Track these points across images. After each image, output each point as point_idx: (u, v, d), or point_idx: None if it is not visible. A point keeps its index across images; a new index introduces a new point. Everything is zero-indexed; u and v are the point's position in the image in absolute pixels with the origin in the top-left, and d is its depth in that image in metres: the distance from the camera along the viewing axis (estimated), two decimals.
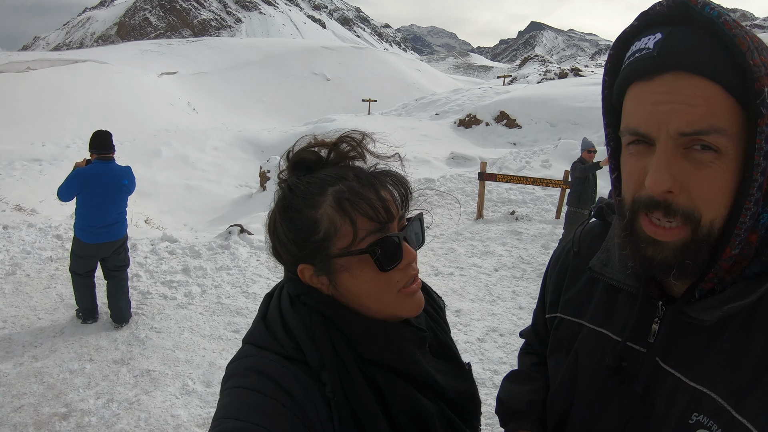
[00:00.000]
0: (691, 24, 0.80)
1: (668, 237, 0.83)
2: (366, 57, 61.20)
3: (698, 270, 0.85)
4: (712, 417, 0.85)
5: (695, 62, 0.77)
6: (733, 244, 0.82)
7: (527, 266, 7.78)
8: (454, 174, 12.95)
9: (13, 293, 6.28)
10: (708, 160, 0.79)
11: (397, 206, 0.98)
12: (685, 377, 0.90)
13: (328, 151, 1.04)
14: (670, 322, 0.94)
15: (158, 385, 4.50)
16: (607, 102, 0.97)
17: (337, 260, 0.94)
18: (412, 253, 0.98)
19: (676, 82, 0.78)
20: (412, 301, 1.00)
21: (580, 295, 1.15)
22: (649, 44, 0.82)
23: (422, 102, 27.95)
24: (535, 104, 19.23)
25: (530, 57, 58.55)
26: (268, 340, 0.96)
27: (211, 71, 49.48)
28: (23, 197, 10.78)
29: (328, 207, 0.93)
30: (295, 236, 0.97)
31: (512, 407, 1.25)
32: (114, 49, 62.41)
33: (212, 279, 6.93)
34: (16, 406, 4.15)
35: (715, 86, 0.77)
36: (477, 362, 5.03)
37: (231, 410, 0.84)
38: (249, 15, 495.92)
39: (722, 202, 0.81)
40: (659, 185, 0.80)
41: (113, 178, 5.34)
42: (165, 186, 16.31)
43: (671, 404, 0.91)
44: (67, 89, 25.85)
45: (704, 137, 0.77)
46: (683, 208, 0.81)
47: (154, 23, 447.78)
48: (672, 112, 0.78)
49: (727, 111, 0.77)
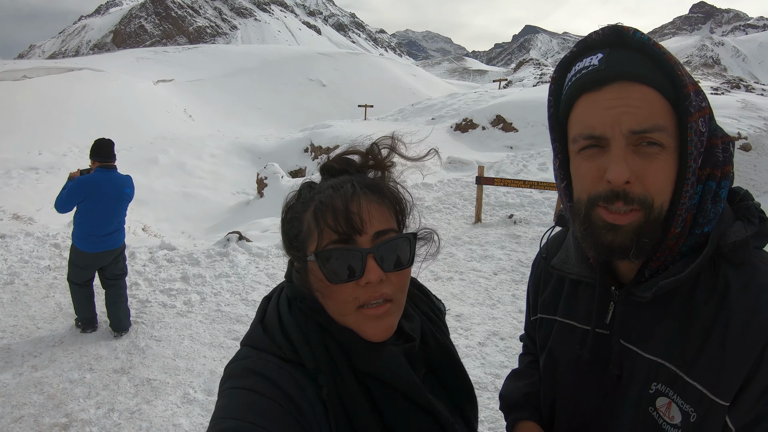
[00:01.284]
0: (624, 47, 0.97)
1: (626, 221, 0.95)
2: (362, 63, 61.22)
3: (653, 248, 0.99)
4: (668, 384, 0.99)
5: (637, 73, 0.94)
6: (676, 224, 0.96)
7: (526, 269, 7.77)
8: (451, 178, 12.94)
9: (11, 303, 6.26)
10: (655, 153, 0.94)
11: (370, 219, 0.95)
12: (642, 351, 1.04)
13: (361, 158, 1.08)
14: (623, 304, 1.08)
15: (159, 394, 4.48)
16: (553, 119, 1.10)
17: (309, 263, 0.98)
18: (376, 272, 0.93)
19: (624, 89, 0.94)
20: (374, 325, 0.95)
21: (552, 294, 1.31)
22: (594, 62, 0.97)
23: (418, 107, 27.93)
24: (531, 107, 19.19)
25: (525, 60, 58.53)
26: (266, 342, 0.98)
27: (207, 78, 49.41)
28: (20, 206, 10.73)
29: (309, 213, 0.98)
30: (287, 234, 1.03)
31: (511, 401, 1.40)
32: (110, 57, 62.27)
33: (211, 286, 6.92)
34: (16, 417, 4.13)
35: (655, 92, 0.94)
36: (479, 366, 5.02)
37: (229, 410, 0.85)
38: (244, 22, 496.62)
39: (668, 187, 0.96)
40: (621, 176, 0.92)
41: (116, 186, 5.35)
42: (162, 194, 16.27)
43: (633, 377, 1.05)
44: (64, 97, 25.77)
45: (650, 135, 0.93)
46: (639, 195, 0.94)
47: (149, 31, 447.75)
48: (623, 114, 0.93)
49: (666, 112, 0.94)
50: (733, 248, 0.96)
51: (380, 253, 0.94)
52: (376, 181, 1.04)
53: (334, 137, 20.01)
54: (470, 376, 4.16)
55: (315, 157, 20.36)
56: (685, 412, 0.96)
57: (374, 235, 0.95)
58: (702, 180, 0.98)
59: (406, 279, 1.01)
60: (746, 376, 0.89)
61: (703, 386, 0.94)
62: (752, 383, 0.89)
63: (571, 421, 1.21)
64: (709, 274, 0.97)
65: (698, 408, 0.94)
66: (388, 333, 0.97)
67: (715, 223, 0.99)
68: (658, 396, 1.01)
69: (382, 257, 0.95)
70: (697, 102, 0.95)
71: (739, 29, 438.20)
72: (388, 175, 1.09)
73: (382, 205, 1.00)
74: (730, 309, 0.93)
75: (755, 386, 0.89)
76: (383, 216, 0.98)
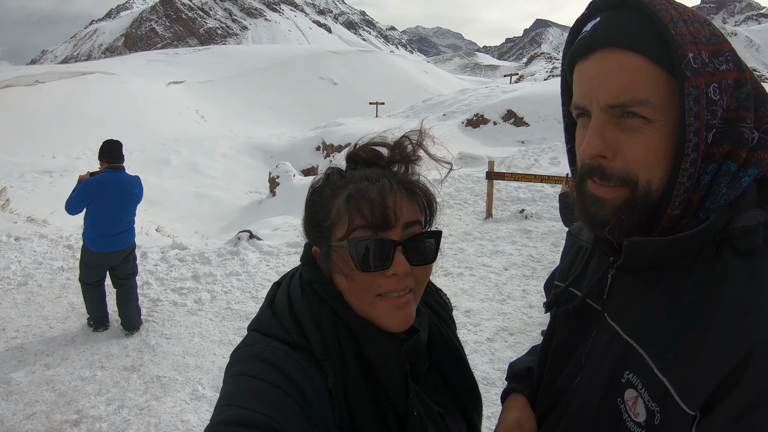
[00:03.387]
0: (625, 8, 0.88)
1: (607, 194, 0.90)
2: (372, 60, 61.30)
3: (634, 227, 0.90)
4: (638, 375, 0.88)
5: (620, 37, 0.85)
6: (673, 205, 0.86)
7: (537, 264, 7.73)
8: (462, 174, 12.89)
9: (25, 303, 6.34)
10: (638, 126, 0.85)
11: (401, 215, 0.96)
12: (620, 328, 0.94)
13: (389, 150, 1.08)
14: (615, 274, 1.00)
15: (168, 391, 4.52)
16: (564, 83, 1.05)
17: (334, 249, 0.97)
18: (403, 264, 0.94)
19: (605, 57, 0.86)
20: (394, 314, 0.96)
21: (569, 262, 1.24)
22: (588, 27, 0.91)
23: (429, 103, 27.90)
24: (542, 101, 19.08)
25: (537, 55, 58.21)
26: (274, 326, 0.98)
27: (218, 79, 49.72)
28: (35, 209, 10.89)
29: (341, 200, 0.98)
30: (312, 218, 1.04)
31: (513, 371, 1.38)
32: (121, 60, 62.90)
33: (222, 285, 6.95)
34: (29, 414, 4.19)
35: (639, 57, 0.84)
36: (487, 362, 4.99)
37: (235, 398, 0.84)
38: (254, 22, 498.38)
39: (657, 164, 0.86)
40: (589, 149, 0.88)
41: (124, 186, 5.39)
42: (175, 194, 16.41)
43: (606, 358, 0.95)
44: (76, 101, 26.09)
45: (629, 108, 0.84)
46: (618, 172, 0.88)
47: (160, 33, 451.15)
48: (599, 87, 0.86)
49: (653, 81, 0.84)
50: (740, 234, 0.82)
51: (408, 245, 0.96)
52: (412, 179, 1.06)
53: (346, 135, 20.04)
54: (479, 371, 4.16)
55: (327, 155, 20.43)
56: (650, 410, 0.84)
57: (403, 226, 0.96)
58: (716, 158, 0.84)
59: (428, 273, 1.03)
60: (720, 384, 0.74)
61: (670, 383, 0.81)
62: (730, 398, 0.73)
63: (546, 399, 1.15)
64: (708, 259, 0.84)
65: (663, 408, 0.82)
66: (407, 323, 0.98)
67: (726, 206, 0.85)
68: (628, 387, 0.89)
69: (410, 250, 0.96)
70: (709, 65, 0.81)
71: (752, 19, 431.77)
72: (413, 169, 1.10)
73: (414, 203, 1.01)
74: (721, 301, 0.79)
75: (734, 403, 0.73)
76: (413, 212, 1.00)
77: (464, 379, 1.14)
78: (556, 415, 1.09)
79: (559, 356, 1.12)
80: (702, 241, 0.85)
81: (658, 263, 0.90)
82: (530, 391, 1.27)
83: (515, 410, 1.24)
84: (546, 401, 1.15)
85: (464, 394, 1.13)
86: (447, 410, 1.07)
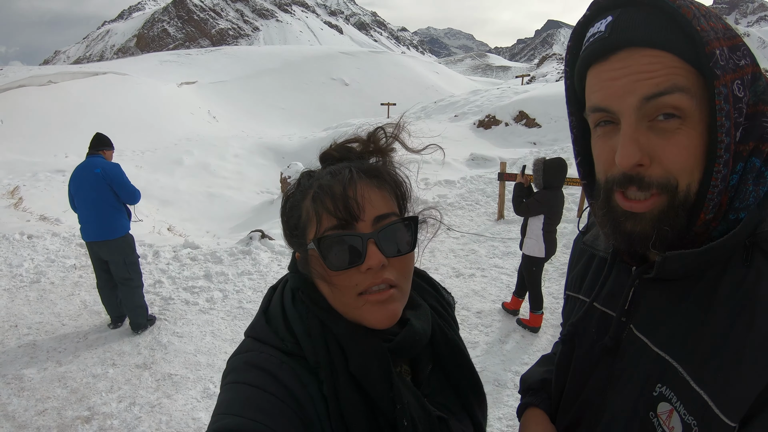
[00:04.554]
0: (636, 4, 0.83)
1: (644, 208, 0.84)
2: (384, 61, 61.26)
3: (677, 236, 0.84)
4: (672, 388, 0.84)
5: (645, 36, 0.79)
6: (707, 209, 0.81)
7: (549, 266, 7.67)
8: (474, 175, 12.86)
9: (37, 300, 6.39)
10: (674, 127, 0.79)
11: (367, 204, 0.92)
12: (651, 343, 0.90)
13: (361, 144, 1.05)
14: (639, 286, 0.95)
15: (180, 389, 4.52)
16: (570, 92, 0.99)
17: (310, 252, 0.95)
18: (377, 257, 0.89)
19: (631, 57, 0.80)
20: (377, 311, 0.92)
21: (581, 271, 1.20)
22: (601, 27, 0.85)
23: (441, 104, 27.80)
24: (554, 103, 18.97)
25: (548, 56, 57.97)
26: (269, 334, 0.96)
27: (230, 80, 49.89)
28: (47, 207, 10.96)
29: (308, 200, 0.95)
30: (287, 224, 1.01)
31: (527, 384, 1.33)
32: (134, 61, 63.10)
33: (234, 284, 6.96)
34: (40, 410, 4.21)
35: (669, 54, 0.78)
36: (498, 363, 4.96)
37: (231, 406, 0.84)
38: (266, 23, 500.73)
39: (695, 166, 0.81)
40: (628, 159, 0.80)
41: (85, 168, 5.38)
42: (187, 194, 16.44)
43: (637, 373, 0.91)
44: (89, 101, 26.21)
45: (668, 97, 0.78)
46: (657, 179, 0.81)
47: (172, 34, 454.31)
48: (631, 83, 0.80)
49: (686, 75, 0.78)
50: None
51: (381, 237, 0.90)
52: (375, 165, 1.01)
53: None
54: (490, 372, 4.12)
55: None
56: (687, 424, 0.81)
57: (374, 220, 0.92)
58: (743, 156, 0.81)
59: (409, 264, 0.97)
60: (760, 394, 0.72)
61: (708, 396, 0.78)
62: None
63: (570, 412, 1.10)
64: (739, 265, 0.80)
65: (701, 422, 0.79)
66: (392, 320, 0.93)
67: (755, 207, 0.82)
68: (661, 401, 0.86)
69: (383, 242, 0.91)
70: (730, 61, 0.78)
71: (765, 19, 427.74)
72: (389, 161, 1.05)
73: (382, 190, 0.96)
74: (756, 309, 0.76)
75: None
76: (383, 200, 0.95)
77: (469, 379, 1.11)
78: (583, 429, 1.06)
79: (582, 370, 1.08)
80: (733, 247, 0.81)
81: (689, 274, 0.86)
82: (548, 405, 1.23)
83: (535, 426, 1.20)
84: (570, 415, 1.11)
85: (469, 394, 1.10)
86: (452, 411, 1.05)
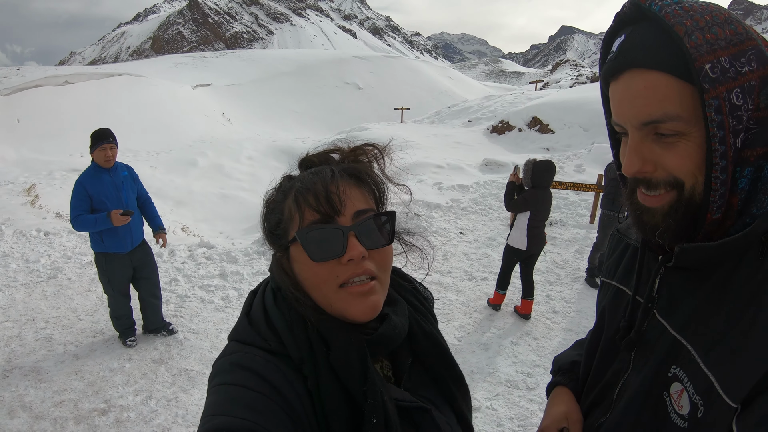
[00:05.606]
0: (645, 21, 0.88)
1: (655, 203, 0.93)
2: (397, 65, 61.34)
3: (682, 230, 0.92)
4: (684, 369, 0.91)
5: (643, 58, 0.86)
6: (712, 210, 0.87)
7: (561, 271, 7.70)
8: (487, 180, 12.85)
9: (54, 296, 6.49)
10: (674, 141, 0.87)
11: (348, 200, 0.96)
12: (668, 325, 0.97)
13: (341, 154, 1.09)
14: (664, 274, 1.01)
15: (195, 384, 4.58)
16: (604, 95, 1.04)
17: (291, 247, 0.98)
18: (357, 248, 0.93)
19: (631, 79, 0.88)
20: (359, 302, 0.95)
21: (616, 258, 1.25)
22: (614, 47, 0.92)
23: (454, 109, 27.79)
24: (567, 109, 18.92)
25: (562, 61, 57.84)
26: (252, 335, 0.98)
27: (244, 83, 50.18)
28: (63, 205, 11.09)
29: (290, 199, 0.99)
30: (269, 225, 1.04)
31: (558, 365, 1.42)
32: (149, 63, 63.58)
33: (249, 284, 7.02)
34: (57, 401, 4.29)
35: (664, 76, 0.84)
36: (510, 365, 4.98)
37: (219, 406, 0.85)
38: (280, 27, 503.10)
39: (697, 171, 0.87)
40: (629, 168, 0.91)
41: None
42: (201, 195, 16.55)
43: (654, 353, 0.99)
44: (104, 102, 26.45)
45: (661, 125, 0.86)
46: (664, 179, 0.90)
47: (187, 37, 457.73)
48: (631, 108, 0.89)
49: (680, 96, 0.84)
50: None
51: (361, 231, 0.95)
52: (355, 166, 1.05)
53: (371, 140, 19.97)
54: (502, 374, 4.16)
55: None
56: (695, 403, 0.87)
57: (354, 215, 0.96)
58: (750, 161, 0.85)
59: (387, 257, 1.01)
60: (762, 378, 0.77)
61: (714, 378, 0.83)
62: None
63: (593, 392, 1.17)
64: (755, 259, 0.85)
65: (706, 402, 0.84)
66: (373, 312, 0.96)
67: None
68: (674, 381, 0.92)
69: (363, 235, 0.95)
70: (730, 70, 0.81)
71: None
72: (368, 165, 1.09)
73: (362, 188, 1.01)
74: (765, 298, 0.81)
75: None
76: (363, 197, 0.99)
77: (450, 372, 1.13)
78: (604, 408, 1.12)
79: (608, 351, 1.15)
80: (749, 242, 0.86)
81: (705, 264, 0.92)
82: (575, 385, 1.30)
83: (561, 404, 1.27)
84: (594, 394, 1.17)
85: (450, 386, 1.12)
86: (435, 403, 1.07)
